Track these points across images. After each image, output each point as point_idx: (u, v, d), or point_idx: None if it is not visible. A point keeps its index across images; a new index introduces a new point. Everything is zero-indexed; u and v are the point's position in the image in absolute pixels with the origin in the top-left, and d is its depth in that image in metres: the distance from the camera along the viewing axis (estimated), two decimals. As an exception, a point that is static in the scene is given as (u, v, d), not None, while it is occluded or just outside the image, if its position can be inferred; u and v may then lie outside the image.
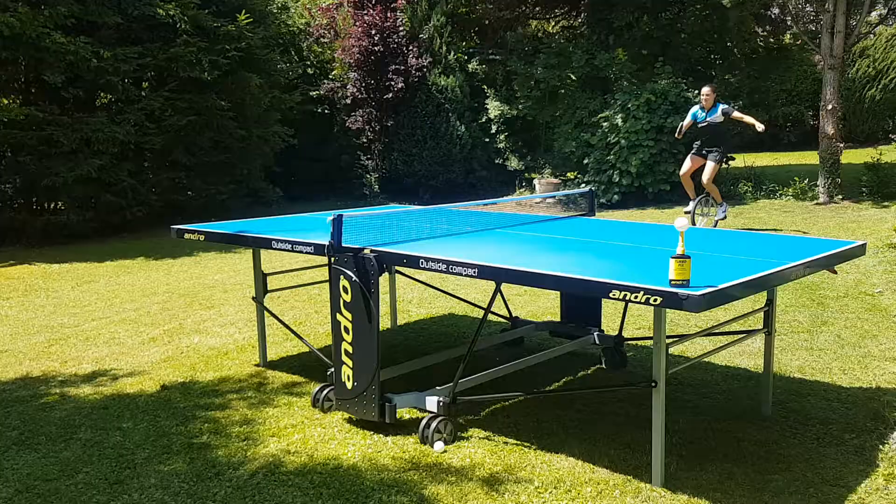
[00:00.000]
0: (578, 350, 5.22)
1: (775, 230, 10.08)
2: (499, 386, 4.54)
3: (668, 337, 3.41)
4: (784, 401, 4.30)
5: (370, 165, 16.05)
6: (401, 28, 15.40)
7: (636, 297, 2.92)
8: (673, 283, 2.91)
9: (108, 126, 11.07)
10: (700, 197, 9.99)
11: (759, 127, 9.22)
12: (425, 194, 15.48)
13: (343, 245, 3.93)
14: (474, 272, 3.45)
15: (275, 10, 15.26)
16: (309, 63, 16.64)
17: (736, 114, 9.43)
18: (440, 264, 3.56)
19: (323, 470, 3.55)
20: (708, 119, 9.51)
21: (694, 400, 4.38)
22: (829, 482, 3.36)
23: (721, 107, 9.44)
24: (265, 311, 5.10)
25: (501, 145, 15.95)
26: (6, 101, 10.60)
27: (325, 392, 4.27)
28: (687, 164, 10.05)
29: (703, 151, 9.67)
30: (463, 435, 3.92)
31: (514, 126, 15.86)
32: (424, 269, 3.67)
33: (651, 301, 2.88)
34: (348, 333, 3.93)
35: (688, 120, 9.67)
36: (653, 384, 3.28)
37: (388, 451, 3.75)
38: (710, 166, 9.53)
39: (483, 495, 3.28)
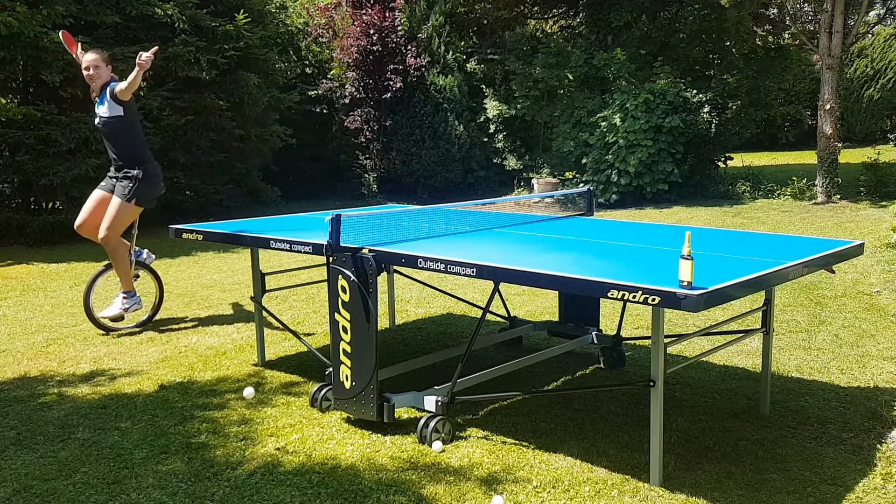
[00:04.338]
0: (577, 350, 5.22)
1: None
2: (497, 385, 4.55)
3: (667, 336, 3.42)
4: (782, 400, 4.30)
5: (368, 165, 16.05)
6: (399, 28, 15.39)
7: (634, 297, 2.92)
8: (683, 284, 2.90)
9: (107, 125, 11.05)
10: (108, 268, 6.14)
11: (138, 68, 5.19)
12: (423, 194, 15.48)
13: (341, 245, 3.93)
14: (473, 272, 3.45)
15: (273, 10, 15.26)
16: (307, 63, 16.64)
17: (120, 86, 5.40)
18: (438, 264, 3.56)
19: (321, 469, 3.55)
20: (100, 112, 5.63)
21: (692, 399, 4.38)
22: (827, 481, 3.36)
23: (116, 87, 5.46)
24: (263, 311, 5.09)
25: (500, 145, 15.96)
26: (4, 101, 10.58)
27: (323, 391, 4.26)
28: (86, 206, 5.89)
29: (111, 177, 5.84)
30: (461, 434, 3.92)
31: (512, 126, 15.87)
32: (423, 268, 3.66)
33: (649, 301, 2.88)
34: (347, 333, 3.93)
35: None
36: (651, 383, 3.28)
37: (387, 450, 3.74)
38: (114, 206, 5.64)
39: (481, 495, 3.28)
